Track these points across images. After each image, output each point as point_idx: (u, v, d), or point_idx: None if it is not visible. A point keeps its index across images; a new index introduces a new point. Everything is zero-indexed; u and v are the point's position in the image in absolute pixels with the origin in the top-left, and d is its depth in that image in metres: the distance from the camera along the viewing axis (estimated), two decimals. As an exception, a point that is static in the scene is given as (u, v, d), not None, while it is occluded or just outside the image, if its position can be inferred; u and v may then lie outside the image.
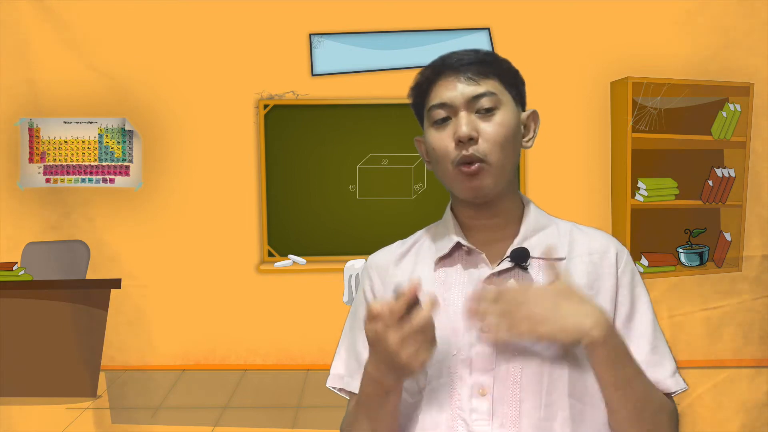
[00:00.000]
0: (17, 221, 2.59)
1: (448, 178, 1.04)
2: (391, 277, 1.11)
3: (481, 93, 1.01)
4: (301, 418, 2.58)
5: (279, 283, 2.63)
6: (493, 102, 1.02)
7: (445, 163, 1.03)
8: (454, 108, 1.02)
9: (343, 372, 1.13)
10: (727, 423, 2.56)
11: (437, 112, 1.04)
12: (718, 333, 2.57)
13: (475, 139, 1.00)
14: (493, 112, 1.02)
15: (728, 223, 2.67)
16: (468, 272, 1.05)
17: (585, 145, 2.59)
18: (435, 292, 1.03)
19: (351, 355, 1.13)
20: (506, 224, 1.07)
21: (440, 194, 2.80)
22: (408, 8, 2.58)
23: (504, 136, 1.02)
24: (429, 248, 1.11)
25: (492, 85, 1.03)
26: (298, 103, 2.63)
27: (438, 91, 1.04)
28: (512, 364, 0.97)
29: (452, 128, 1.02)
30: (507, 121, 1.02)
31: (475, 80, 1.02)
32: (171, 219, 2.61)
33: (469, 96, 1.02)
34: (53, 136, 2.62)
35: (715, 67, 2.54)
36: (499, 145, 1.01)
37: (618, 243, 1.09)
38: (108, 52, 2.57)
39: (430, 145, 1.06)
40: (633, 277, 1.06)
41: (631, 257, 1.10)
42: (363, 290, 1.16)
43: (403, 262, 1.12)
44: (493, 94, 1.02)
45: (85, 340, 2.61)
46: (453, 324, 1.00)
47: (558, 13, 2.55)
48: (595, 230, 1.12)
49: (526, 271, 1.02)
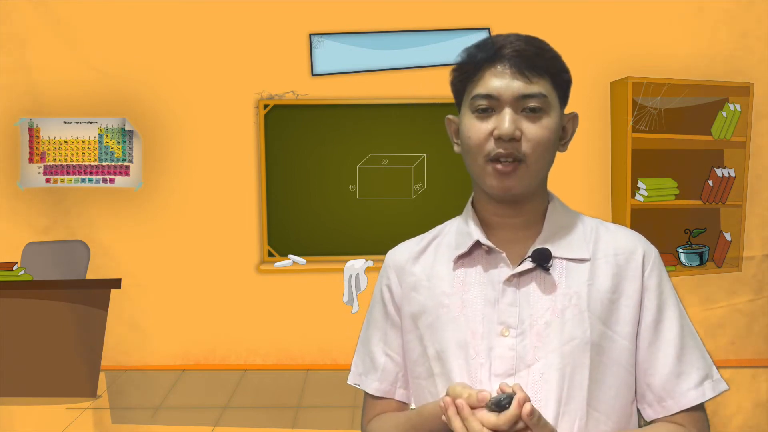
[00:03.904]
0: (17, 221, 2.59)
1: (478, 170, 1.00)
2: (409, 276, 1.08)
3: (531, 93, 0.96)
4: (301, 418, 2.58)
5: (279, 283, 2.63)
6: (541, 104, 0.97)
7: (477, 156, 0.99)
8: (500, 102, 0.97)
9: (360, 369, 1.14)
10: (727, 423, 2.56)
11: (481, 102, 0.98)
12: (718, 333, 2.57)
13: (517, 139, 0.96)
14: (540, 114, 0.97)
15: (728, 223, 2.67)
16: (488, 273, 1.01)
17: (585, 145, 2.59)
18: (456, 293, 1.02)
19: (366, 354, 1.13)
20: (530, 222, 1.03)
21: (440, 194, 2.80)
22: (408, 8, 2.58)
23: (547, 139, 0.98)
24: (448, 245, 1.07)
25: (543, 86, 0.97)
26: (298, 103, 2.63)
27: (486, 80, 0.98)
28: (532, 369, 0.95)
29: (494, 122, 0.97)
30: (552, 125, 0.98)
31: (527, 77, 0.96)
32: (171, 219, 2.61)
33: (520, 94, 0.96)
34: (53, 136, 2.62)
35: (715, 67, 2.55)
36: (540, 149, 0.97)
37: (646, 242, 1.04)
38: (108, 52, 2.57)
39: (465, 133, 1.00)
40: (661, 279, 1.01)
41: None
42: (381, 289, 1.13)
43: (421, 260, 1.09)
44: (544, 96, 0.97)
45: (85, 340, 2.61)
46: (472, 327, 0.98)
47: (558, 13, 2.55)
48: (621, 228, 1.07)
49: (548, 273, 0.98)
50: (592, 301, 0.97)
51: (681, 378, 0.98)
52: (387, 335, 1.11)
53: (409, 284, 1.08)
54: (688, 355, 0.99)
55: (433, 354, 1.01)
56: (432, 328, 1.02)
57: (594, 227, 1.05)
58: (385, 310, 1.11)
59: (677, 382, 0.98)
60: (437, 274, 1.05)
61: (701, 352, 1.01)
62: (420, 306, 1.05)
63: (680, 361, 0.99)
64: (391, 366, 1.10)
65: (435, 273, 1.05)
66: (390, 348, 1.10)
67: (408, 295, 1.07)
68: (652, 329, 0.99)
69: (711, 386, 1.00)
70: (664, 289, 1.01)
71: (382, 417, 1.11)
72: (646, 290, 1.00)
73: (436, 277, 1.05)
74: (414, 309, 1.06)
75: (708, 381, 1.00)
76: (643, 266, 1.01)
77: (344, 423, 2.49)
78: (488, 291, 1.00)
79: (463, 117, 1.02)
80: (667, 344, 0.99)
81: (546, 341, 0.95)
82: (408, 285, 1.08)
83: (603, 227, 1.06)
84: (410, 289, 1.07)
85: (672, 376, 0.98)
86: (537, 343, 0.95)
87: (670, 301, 1.01)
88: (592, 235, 1.03)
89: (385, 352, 1.10)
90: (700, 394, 0.98)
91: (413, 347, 1.05)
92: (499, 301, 0.98)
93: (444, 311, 1.01)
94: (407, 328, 1.06)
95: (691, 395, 0.98)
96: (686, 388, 0.98)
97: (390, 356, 1.10)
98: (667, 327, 1.00)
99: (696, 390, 0.98)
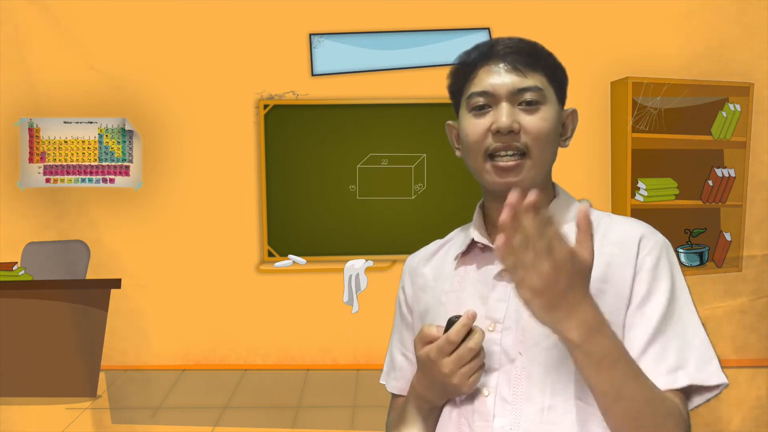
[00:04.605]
0: (17, 221, 2.59)
1: (478, 168, 1.00)
2: (419, 278, 1.12)
3: (527, 86, 0.97)
4: (301, 418, 2.57)
5: (279, 283, 2.63)
6: (537, 96, 0.97)
7: (476, 153, 0.99)
8: (496, 97, 0.97)
9: (386, 369, 1.19)
10: (727, 423, 2.56)
11: (477, 100, 0.98)
12: (718, 333, 2.56)
13: (516, 132, 0.96)
14: (537, 106, 0.97)
15: (728, 223, 2.67)
16: (483, 269, 1.03)
17: (585, 145, 2.59)
18: (454, 291, 1.04)
19: (389, 354, 1.18)
20: None
21: (440, 194, 2.80)
22: (408, 8, 2.58)
23: (547, 131, 0.98)
24: (455, 246, 1.11)
25: (538, 80, 0.98)
26: (298, 103, 2.63)
27: (481, 78, 0.99)
28: (516, 363, 0.95)
29: (491, 118, 0.97)
30: (550, 117, 0.99)
31: (521, 71, 0.97)
32: (171, 219, 2.61)
33: (515, 87, 0.97)
34: (53, 136, 2.62)
35: (715, 67, 2.54)
36: (541, 140, 0.97)
37: (649, 230, 1.00)
38: (108, 52, 2.57)
39: (463, 132, 1.01)
40: (658, 262, 0.96)
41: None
42: (399, 293, 1.18)
43: (431, 262, 1.13)
44: (539, 89, 0.98)
45: (85, 340, 2.61)
46: None
47: (558, 13, 2.55)
48: (628, 220, 1.04)
49: None
50: None
51: (653, 360, 0.92)
52: (403, 336, 1.15)
53: (418, 286, 1.12)
54: (667, 341, 0.93)
55: None
56: None
57: (597, 220, 1.01)
58: (401, 312, 1.16)
59: (648, 362, 0.92)
60: (442, 274, 1.08)
61: (687, 343, 0.94)
62: (425, 306, 1.09)
63: (653, 343, 0.92)
64: (406, 365, 1.13)
65: (440, 273, 1.09)
66: (405, 348, 1.14)
67: (417, 296, 1.11)
68: (635, 310, 0.94)
69: (687, 376, 0.92)
70: (659, 274, 0.96)
71: (394, 406, 1.16)
72: (640, 271, 0.95)
73: (440, 278, 1.08)
74: (421, 309, 1.10)
75: (684, 370, 0.92)
76: (638, 250, 0.96)
77: (344, 423, 2.49)
78: (481, 287, 1.01)
79: (461, 118, 1.03)
80: (645, 323, 0.93)
81: (529, 335, 0.95)
82: (418, 286, 1.12)
83: (607, 219, 1.03)
84: (419, 290, 1.11)
85: (643, 355, 0.92)
86: (521, 338, 0.95)
87: (662, 285, 0.95)
88: (596, 230, 1.00)
89: (402, 352, 1.15)
90: (671, 380, 0.91)
91: None
92: (489, 297, 0.99)
93: (442, 309, 1.04)
94: (417, 327, 1.09)
95: (662, 381, 0.91)
96: (658, 372, 0.91)
97: (406, 356, 1.14)
98: (650, 308, 0.94)
99: (667, 376, 0.92)
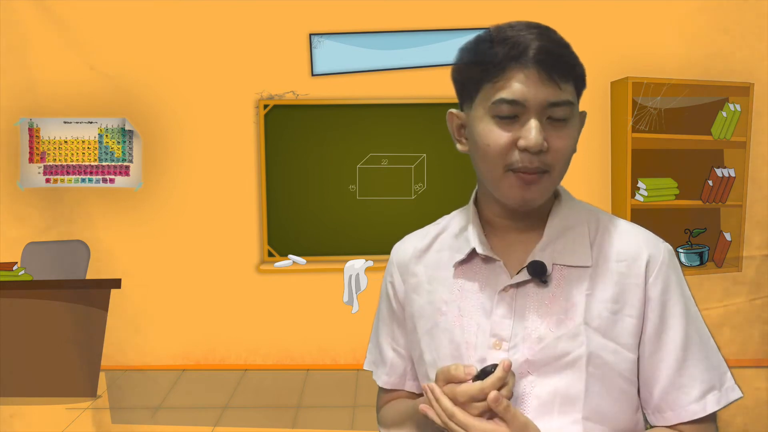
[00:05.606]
0: (17, 221, 2.59)
1: (495, 179, 0.94)
2: (411, 276, 1.07)
3: (560, 101, 0.92)
4: (301, 418, 2.57)
5: (279, 283, 2.63)
6: (568, 113, 0.93)
7: (497, 164, 0.92)
8: (526, 108, 0.90)
9: (372, 357, 1.16)
10: (727, 423, 2.56)
11: (505, 108, 0.90)
12: (718, 333, 2.57)
13: (545, 151, 0.91)
14: (565, 123, 0.93)
15: (728, 223, 2.67)
16: (486, 281, 0.98)
17: (585, 145, 2.57)
18: (454, 301, 1.00)
19: (376, 344, 1.14)
20: (533, 225, 0.99)
21: (440, 194, 2.79)
22: (408, 8, 2.58)
23: (571, 149, 0.95)
24: (450, 247, 1.04)
25: (570, 92, 0.94)
26: (298, 103, 2.63)
27: (511, 83, 0.91)
28: (523, 383, 0.93)
29: (518, 130, 0.91)
30: (575, 135, 0.96)
31: (557, 83, 0.91)
32: (171, 219, 2.61)
33: (549, 102, 0.91)
34: (53, 136, 2.62)
35: (715, 67, 2.55)
36: (564, 159, 0.94)
37: (654, 245, 0.98)
38: (108, 52, 2.57)
39: (482, 138, 0.93)
40: (667, 286, 0.95)
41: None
42: (386, 285, 1.12)
43: (424, 259, 1.07)
44: (571, 103, 0.93)
45: (85, 340, 2.61)
46: (466, 337, 0.97)
47: (558, 13, 2.54)
48: (632, 228, 1.01)
49: (545, 285, 0.95)
50: (591, 312, 0.93)
51: (681, 391, 0.94)
52: (394, 332, 1.11)
53: (411, 285, 1.07)
54: (691, 367, 0.95)
55: (429, 360, 1.01)
56: (429, 335, 1.01)
57: (602, 227, 0.99)
58: (390, 306, 1.11)
59: (677, 395, 0.94)
60: (438, 278, 1.03)
61: (708, 362, 0.96)
62: (419, 309, 1.04)
63: (681, 374, 0.94)
64: (398, 361, 1.11)
65: (436, 276, 1.04)
66: (397, 343, 1.11)
67: (410, 296, 1.06)
68: (654, 340, 0.95)
69: (715, 399, 0.95)
70: (669, 297, 0.95)
71: (391, 404, 1.13)
72: (649, 300, 0.95)
73: (436, 281, 1.03)
74: (414, 310, 1.05)
75: (713, 393, 0.95)
76: (646, 274, 0.95)
77: (344, 423, 2.49)
78: (484, 300, 0.97)
79: (476, 119, 0.95)
80: (668, 355, 0.94)
81: (539, 356, 0.92)
82: (410, 286, 1.07)
83: (612, 227, 1.00)
84: (412, 290, 1.06)
85: (672, 388, 0.94)
86: (529, 357, 0.93)
87: (676, 310, 0.95)
88: (598, 237, 0.98)
89: (393, 347, 1.11)
90: (701, 408, 0.94)
91: (414, 347, 1.06)
92: (493, 312, 0.96)
93: (442, 319, 1.00)
94: (410, 328, 1.06)
95: (692, 409, 0.94)
96: (687, 402, 0.94)
97: (397, 351, 1.11)
98: (669, 338, 0.94)
99: (697, 403, 0.94)
